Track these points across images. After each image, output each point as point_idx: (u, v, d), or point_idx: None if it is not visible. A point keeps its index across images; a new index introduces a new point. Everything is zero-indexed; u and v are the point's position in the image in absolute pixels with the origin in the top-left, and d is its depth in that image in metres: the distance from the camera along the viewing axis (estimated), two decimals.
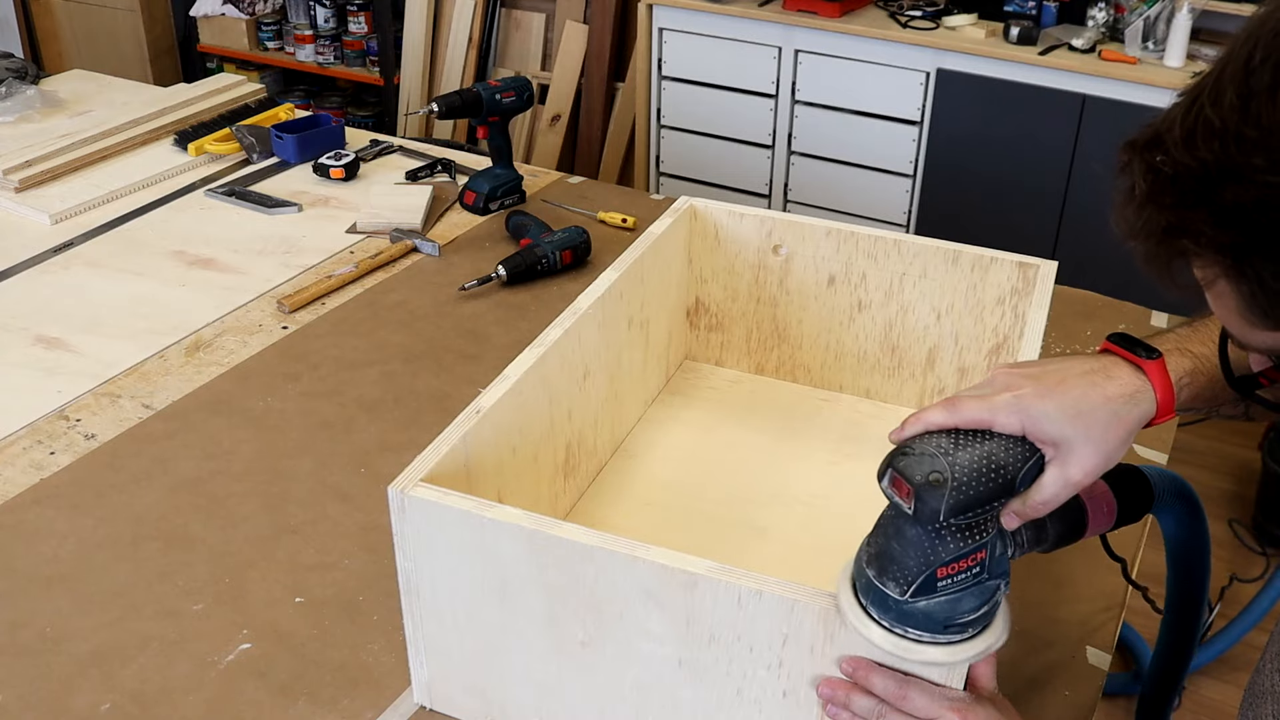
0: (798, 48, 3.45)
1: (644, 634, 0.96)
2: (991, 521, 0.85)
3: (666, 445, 1.47)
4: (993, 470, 0.83)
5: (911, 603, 0.84)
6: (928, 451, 0.84)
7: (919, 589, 0.83)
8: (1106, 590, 1.27)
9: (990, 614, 0.87)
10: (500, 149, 2.11)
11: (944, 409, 0.88)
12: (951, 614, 0.84)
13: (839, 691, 0.91)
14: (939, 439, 0.85)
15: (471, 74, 4.27)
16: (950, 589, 0.84)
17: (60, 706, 1.11)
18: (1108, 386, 0.88)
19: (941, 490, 0.81)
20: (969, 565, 0.83)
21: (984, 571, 0.84)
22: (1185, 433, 2.88)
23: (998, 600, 0.87)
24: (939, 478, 0.82)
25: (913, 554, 0.83)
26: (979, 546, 0.84)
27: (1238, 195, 0.66)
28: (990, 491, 0.83)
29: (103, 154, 2.26)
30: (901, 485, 0.83)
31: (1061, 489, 0.87)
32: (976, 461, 0.83)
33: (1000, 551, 0.86)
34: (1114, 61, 3.06)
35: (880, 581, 0.85)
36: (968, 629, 0.86)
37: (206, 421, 1.53)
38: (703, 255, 1.54)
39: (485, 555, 0.99)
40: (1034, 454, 0.86)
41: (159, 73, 4.65)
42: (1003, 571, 0.86)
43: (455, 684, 1.09)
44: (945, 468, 0.82)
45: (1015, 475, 0.84)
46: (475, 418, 1.09)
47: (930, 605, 0.84)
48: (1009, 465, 0.84)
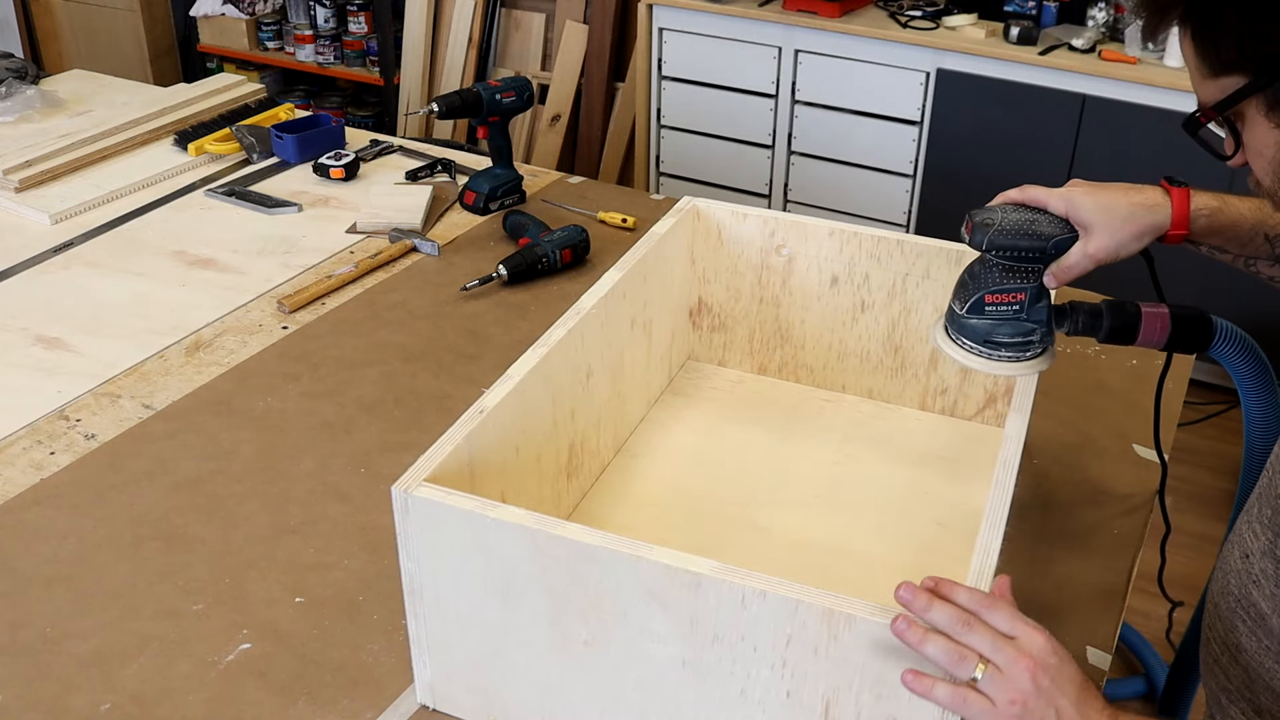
0: (798, 48, 3.44)
1: (647, 634, 0.96)
2: (1034, 274, 1.16)
3: (669, 445, 1.46)
4: (1030, 228, 1.15)
5: (966, 317, 1.19)
6: (993, 209, 1.18)
7: (972, 307, 1.18)
8: (1107, 590, 1.27)
9: (1023, 346, 1.18)
10: (500, 149, 2.10)
11: (1019, 191, 1.20)
12: (990, 333, 1.18)
13: (919, 599, 0.87)
14: (1006, 205, 1.19)
15: (471, 74, 4.27)
16: (994, 314, 1.18)
17: (60, 706, 1.11)
18: (1136, 196, 1.17)
19: (988, 229, 1.14)
20: (1010, 300, 1.16)
21: (1022, 311, 1.17)
22: (1185, 433, 2.87)
23: (1032, 340, 1.18)
24: (989, 221, 1.15)
25: (972, 281, 1.18)
26: (1019, 288, 1.16)
27: None
28: (1025, 242, 1.14)
29: (103, 154, 2.26)
30: (968, 224, 1.16)
31: (1082, 259, 1.16)
32: (1022, 222, 1.16)
33: (1040, 303, 1.17)
34: (1114, 61, 3.06)
35: (953, 301, 1.21)
36: (1000, 349, 1.19)
37: (206, 421, 1.52)
38: (705, 255, 1.53)
39: (488, 555, 0.98)
40: (1070, 232, 1.16)
41: (159, 73, 4.65)
42: (1039, 320, 1.18)
43: (458, 684, 1.09)
44: (998, 217, 1.16)
45: (1049, 239, 1.15)
46: (478, 417, 1.09)
47: (978, 323, 1.18)
48: (1046, 231, 1.15)
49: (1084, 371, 1.66)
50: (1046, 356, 1.20)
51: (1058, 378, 1.56)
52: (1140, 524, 1.37)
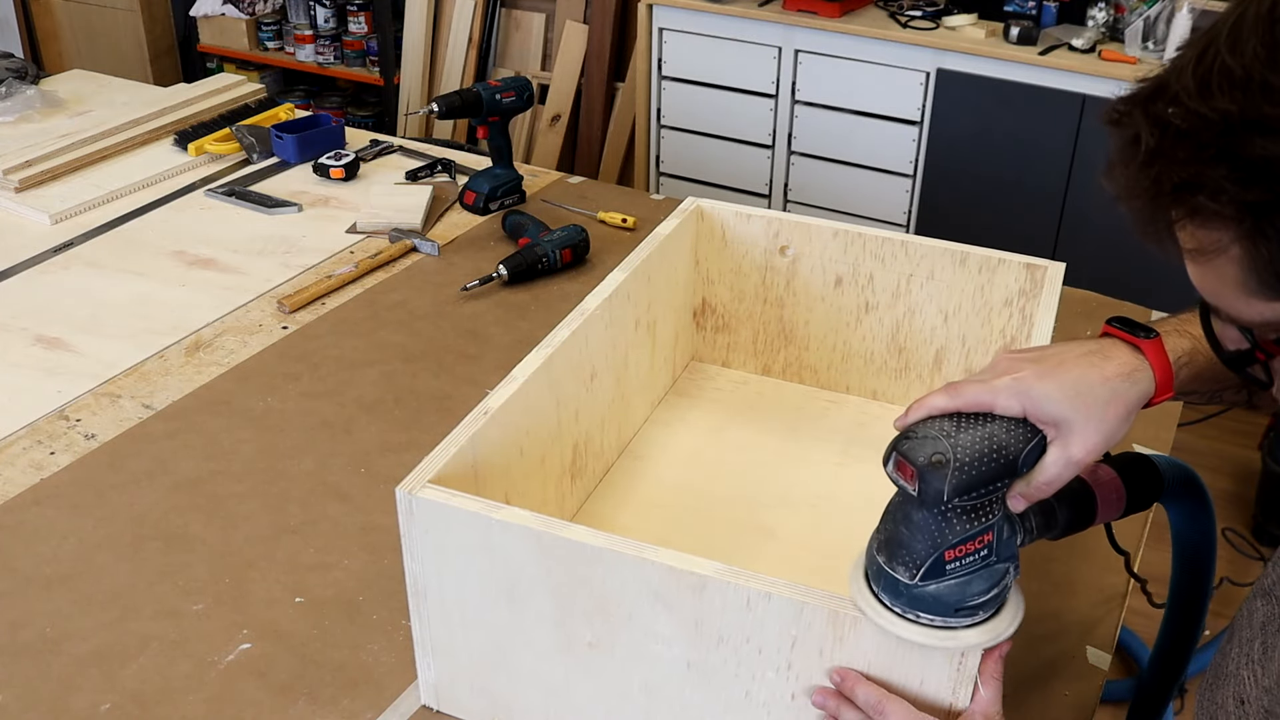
0: (798, 48, 3.44)
1: (652, 636, 0.96)
2: (997, 504, 0.86)
3: (673, 446, 1.46)
4: (995, 451, 0.84)
5: (921, 586, 0.85)
6: (930, 434, 0.85)
7: (928, 572, 0.84)
8: (1107, 590, 1.27)
9: (1000, 597, 0.88)
10: (500, 149, 2.10)
11: (946, 393, 0.88)
12: (962, 597, 0.85)
13: (830, 701, 0.92)
14: (942, 422, 0.86)
15: (471, 74, 4.26)
16: (959, 572, 0.85)
17: (60, 706, 1.11)
18: (1106, 366, 0.89)
19: (944, 471, 0.82)
20: (976, 548, 0.85)
21: (992, 554, 0.85)
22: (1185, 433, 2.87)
23: (1007, 584, 0.88)
24: (941, 459, 0.82)
25: (920, 538, 0.84)
26: (985, 529, 0.85)
27: (1266, 149, 0.61)
28: (993, 472, 0.84)
29: (103, 154, 2.25)
30: (905, 468, 0.84)
31: (1064, 468, 0.87)
32: (978, 443, 0.84)
33: (1008, 535, 0.87)
34: (1114, 61, 3.06)
35: (890, 567, 0.86)
36: (978, 612, 0.86)
37: (206, 421, 1.52)
38: (709, 256, 1.53)
39: (493, 556, 0.98)
40: (1036, 435, 0.86)
41: (159, 73, 4.64)
42: (1011, 555, 0.87)
43: (462, 685, 1.08)
44: (948, 449, 0.83)
45: (1018, 455, 0.85)
46: (483, 419, 1.09)
47: (940, 589, 0.85)
48: (1011, 446, 0.85)
49: None
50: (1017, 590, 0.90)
51: None
52: (1140, 524, 1.36)
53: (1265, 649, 0.86)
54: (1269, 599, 0.89)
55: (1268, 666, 0.84)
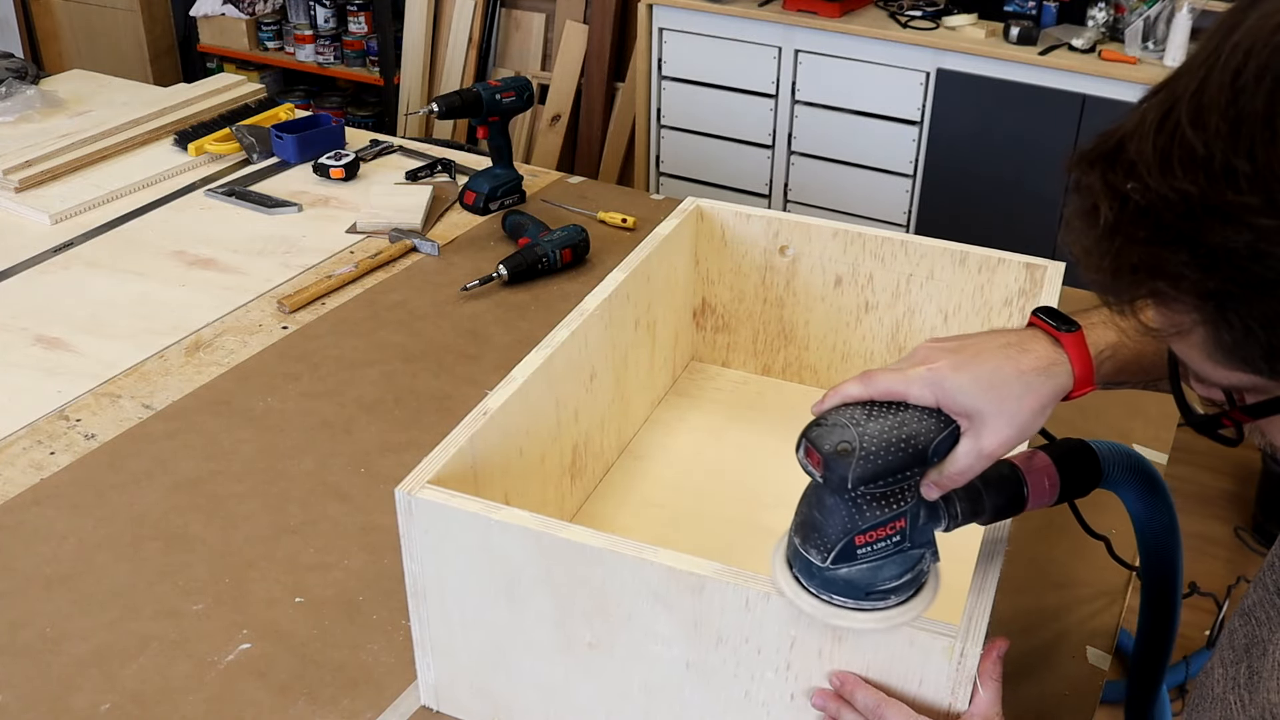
0: (798, 48, 3.44)
1: (652, 636, 0.96)
2: (909, 491, 0.86)
3: (673, 447, 1.46)
4: (903, 440, 0.84)
5: (833, 569, 0.86)
6: (840, 422, 0.85)
7: (839, 556, 0.85)
8: (1107, 590, 1.27)
9: (915, 581, 0.89)
10: (500, 149, 2.10)
11: (860, 382, 0.88)
12: (873, 581, 0.86)
13: (830, 703, 0.93)
14: (853, 410, 0.87)
15: (471, 74, 4.26)
16: (870, 556, 0.86)
17: (60, 706, 1.11)
18: (1022, 359, 0.88)
19: (849, 459, 0.82)
20: (888, 534, 0.85)
21: (905, 540, 0.86)
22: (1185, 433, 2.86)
23: (923, 569, 0.89)
24: (847, 447, 0.83)
25: (832, 522, 0.85)
26: (897, 515, 0.85)
27: (1227, 237, 0.57)
28: (900, 461, 0.84)
29: (103, 154, 2.26)
30: (813, 455, 0.84)
31: (975, 460, 0.87)
32: (886, 431, 0.84)
33: (924, 521, 0.88)
34: (1114, 61, 3.06)
35: (804, 549, 0.87)
36: (889, 596, 0.87)
37: (206, 421, 1.52)
38: (709, 256, 1.53)
39: (492, 557, 0.98)
40: (948, 425, 0.86)
41: (159, 73, 4.64)
42: (926, 540, 0.88)
43: (462, 685, 1.08)
44: (855, 437, 0.83)
45: (928, 445, 0.85)
46: (482, 419, 1.09)
47: (851, 572, 0.86)
48: (921, 435, 0.85)
49: None
50: (936, 573, 0.92)
51: None
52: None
53: (1251, 674, 0.85)
54: (1248, 620, 0.88)
55: (1254, 694, 0.83)
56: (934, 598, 0.90)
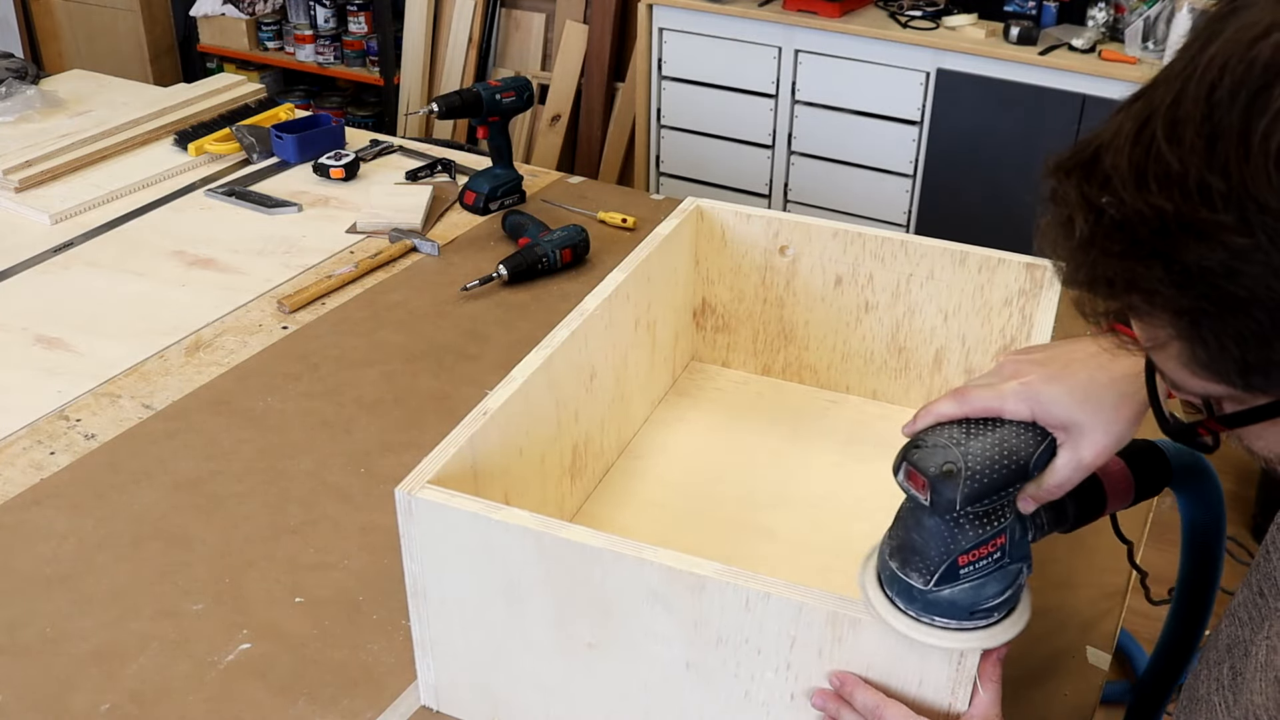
0: (798, 48, 3.44)
1: (651, 636, 0.96)
2: (1009, 507, 0.86)
3: (673, 446, 1.46)
4: (1005, 457, 0.84)
5: (936, 591, 0.85)
6: (940, 443, 0.84)
7: (942, 578, 0.84)
8: (1107, 589, 1.27)
9: (1015, 597, 0.88)
10: (500, 149, 2.10)
11: (954, 400, 0.87)
12: (976, 600, 0.85)
13: (830, 703, 0.93)
14: (951, 430, 0.86)
15: (471, 74, 4.26)
16: (973, 576, 0.85)
17: (60, 706, 1.11)
18: (1114, 367, 0.87)
19: (956, 480, 0.82)
20: (990, 551, 0.85)
21: (1005, 556, 0.85)
22: None
23: (1021, 583, 0.88)
24: (953, 468, 0.82)
25: (933, 544, 0.84)
26: (998, 532, 0.85)
27: (1201, 255, 0.57)
28: (1004, 478, 0.83)
29: (103, 154, 2.25)
30: (916, 478, 0.84)
31: (1074, 471, 0.86)
32: (989, 450, 0.84)
33: (1020, 535, 0.87)
34: (1114, 61, 3.06)
35: (904, 573, 0.86)
36: (993, 614, 0.87)
37: (206, 421, 1.52)
38: (709, 256, 1.53)
39: (492, 557, 0.98)
40: (1045, 438, 0.86)
41: (159, 73, 4.64)
42: (1024, 555, 0.87)
43: (462, 685, 1.08)
44: (959, 458, 0.83)
45: (1028, 460, 0.85)
46: (482, 419, 1.09)
47: (955, 593, 0.85)
48: (1021, 451, 0.84)
49: None
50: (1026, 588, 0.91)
51: None
52: (1140, 524, 1.36)
53: (1234, 674, 0.85)
54: (1233, 620, 0.88)
55: (1238, 695, 0.83)
56: (1028, 608, 0.89)
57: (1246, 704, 0.80)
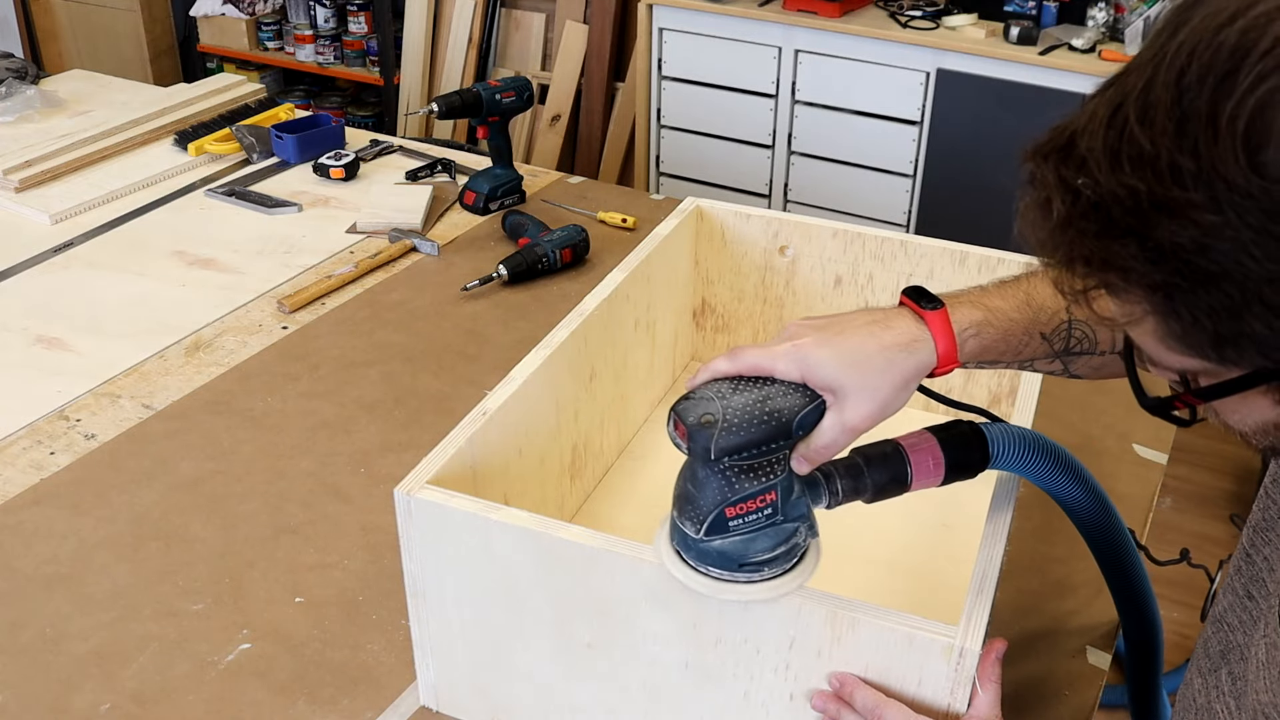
0: (798, 48, 3.44)
1: (650, 636, 0.96)
2: (779, 465, 0.88)
3: (672, 447, 1.46)
4: (767, 414, 0.87)
5: (707, 540, 0.88)
6: (705, 396, 0.89)
7: (711, 527, 0.88)
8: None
9: (790, 555, 0.90)
10: (500, 149, 2.10)
11: (728, 358, 0.91)
12: (745, 553, 0.88)
13: (830, 705, 0.93)
14: (719, 385, 0.90)
15: (471, 74, 4.26)
16: (742, 529, 0.88)
17: (60, 706, 1.11)
18: (885, 336, 0.91)
19: (711, 430, 0.85)
20: (758, 506, 0.87)
21: (776, 513, 0.88)
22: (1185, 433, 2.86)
23: (797, 543, 0.91)
24: (710, 419, 0.86)
25: (703, 494, 0.87)
26: (767, 488, 0.87)
27: (1173, 233, 0.59)
28: (764, 434, 0.86)
29: (103, 154, 2.26)
30: (679, 427, 0.87)
31: (840, 434, 0.89)
32: (750, 405, 0.87)
33: (797, 495, 0.90)
34: (1114, 61, 3.06)
35: (680, 521, 0.89)
36: (763, 568, 0.89)
37: (206, 421, 1.52)
38: (709, 256, 1.53)
39: (491, 557, 0.98)
40: (813, 400, 0.89)
41: (159, 73, 4.64)
42: (800, 515, 0.90)
43: (461, 686, 1.08)
44: (718, 410, 0.86)
45: (792, 419, 0.87)
46: (481, 419, 1.09)
47: (724, 544, 0.88)
48: (785, 409, 0.87)
49: None
50: (815, 549, 0.93)
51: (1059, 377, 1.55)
52: (1140, 524, 1.36)
53: (1234, 679, 0.85)
54: (1220, 626, 0.88)
55: (1241, 699, 0.83)
56: (813, 571, 0.92)
57: (1253, 705, 0.80)
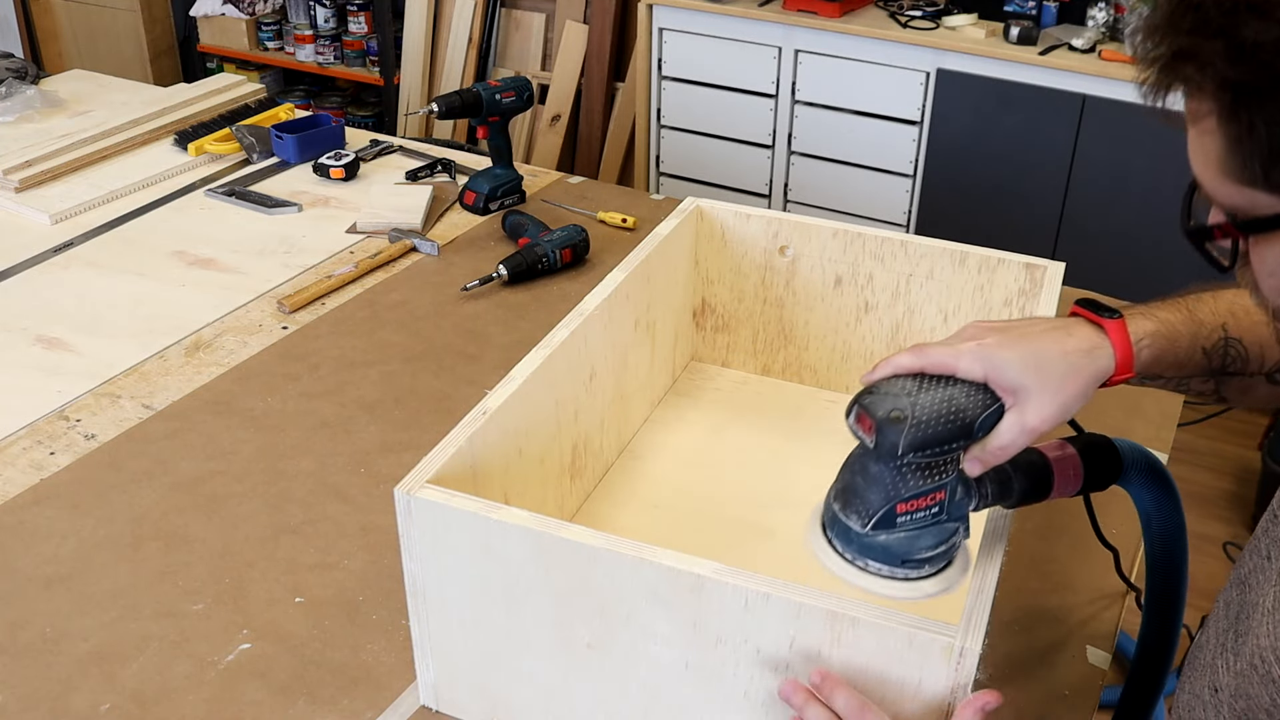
0: (798, 48, 3.44)
1: (650, 636, 0.96)
2: (952, 464, 0.89)
3: (673, 446, 1.46)
4: (952, 412, 0.88)
5: (872, 535, 0.89)
6: (892, 391, 0.89)
7: (879, 522, 0.89)
8: (1107, 590, 1.27)
9: (948, 554, 0.92)
10: (500, 149, 2.10)
11: (912, 354, 0.91)
12: (909, 550, 0.90)
13: (797, 696, 0.91)
14: (905, 381, 0.90)
15: (471, 74, 4.26)
16: (909, 525, 0.89)
17: (60, 706, 1.11)
18: (1067, 341, 0.92)
19: (901, 426, 0.86)
20: (928, 504, 0.89)
21: (942, 512, 0.90)
22: (1185, 433, 2.87)
23: (955, 543, 0.92)
24: (900, 415, 0.86)
25: (875, 489, 0.88)
26: (938, 487, 0.89)
27: (1258, 32, 0.66)
28: (948, 432, 0.87)
29: (103, 154, 2.26)
30: (865, 421, 0.88)
31: (1019, 435, 0.90)
32: (937, 403, 0.88)
33: (960, 496, 0.91)
34: (1114, 61, 3.06)
35: (844, 515, 0.90)
36: (924, 566, 0.91)
37: (206, 421, 1.52)
38: (709, 256, 1.53)
39: (492, 557, 0.98)
40: (994, 401, 0.90)
41: (159, 73, 4.64)
42: (961, 515, 0.91)
43: (461, 686, 1.08)
44: (907, 406, 0.87)
45: (974, 419, 0.88)
46: (482, 419, 1.09)
47: (889, 539, 0.89)
48: (969, 409, 0.88)
49: None
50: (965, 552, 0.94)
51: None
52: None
53: (1237, 636, 0.86)
54: (1242, 588, 0.89)
55: (1240, 652, 0.84)
56: (967, 573, 0.93)
57: (1251, 650, 0.81)
